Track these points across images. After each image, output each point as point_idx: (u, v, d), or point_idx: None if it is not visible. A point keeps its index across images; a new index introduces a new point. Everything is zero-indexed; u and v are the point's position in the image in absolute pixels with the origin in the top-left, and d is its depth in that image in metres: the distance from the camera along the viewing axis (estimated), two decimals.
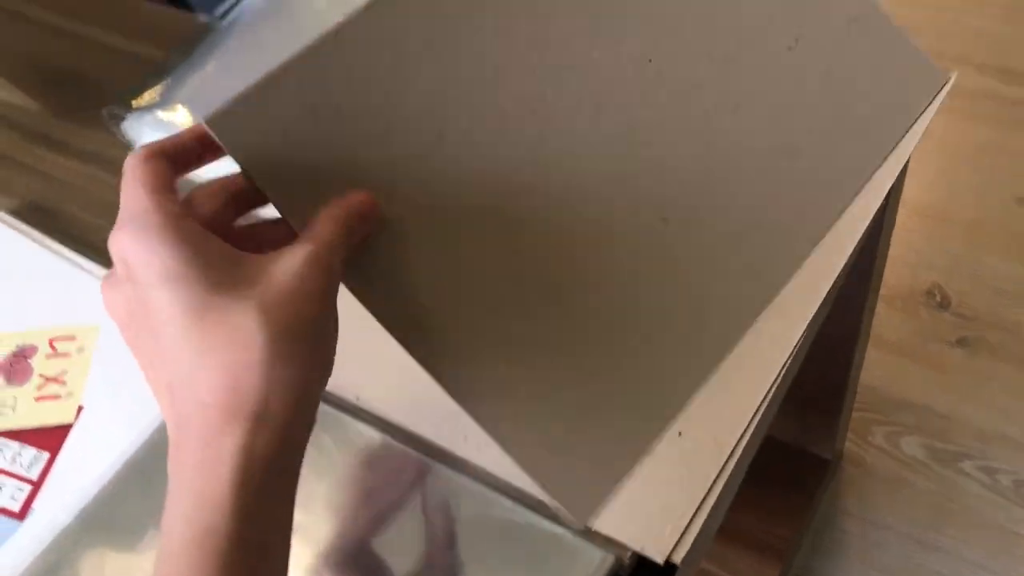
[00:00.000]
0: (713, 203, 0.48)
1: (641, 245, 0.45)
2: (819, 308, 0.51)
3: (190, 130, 0.36)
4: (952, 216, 1.25)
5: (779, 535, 0.97)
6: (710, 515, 0.45)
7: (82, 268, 0.61)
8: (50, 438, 0.53)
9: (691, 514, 0.45)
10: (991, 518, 0.99)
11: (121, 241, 0.32)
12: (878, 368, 1.11)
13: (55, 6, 0.81)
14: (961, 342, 1.12)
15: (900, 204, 1.27)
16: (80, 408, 0.54)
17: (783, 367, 0.49)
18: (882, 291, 1.18)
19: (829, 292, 0.52)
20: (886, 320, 1.15)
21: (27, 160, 0.69)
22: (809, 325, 0.50)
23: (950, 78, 0.62)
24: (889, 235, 0.75)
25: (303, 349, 0.32)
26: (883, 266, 0.78)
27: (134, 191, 0.33)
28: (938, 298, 1.17)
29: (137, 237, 0.32)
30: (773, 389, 0.48)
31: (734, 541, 0.96)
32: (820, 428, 0.95)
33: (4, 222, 0.64)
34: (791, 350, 0.49)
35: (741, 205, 0.49)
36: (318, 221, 0.35)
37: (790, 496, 0.97)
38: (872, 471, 1.04)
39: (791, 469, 0.97)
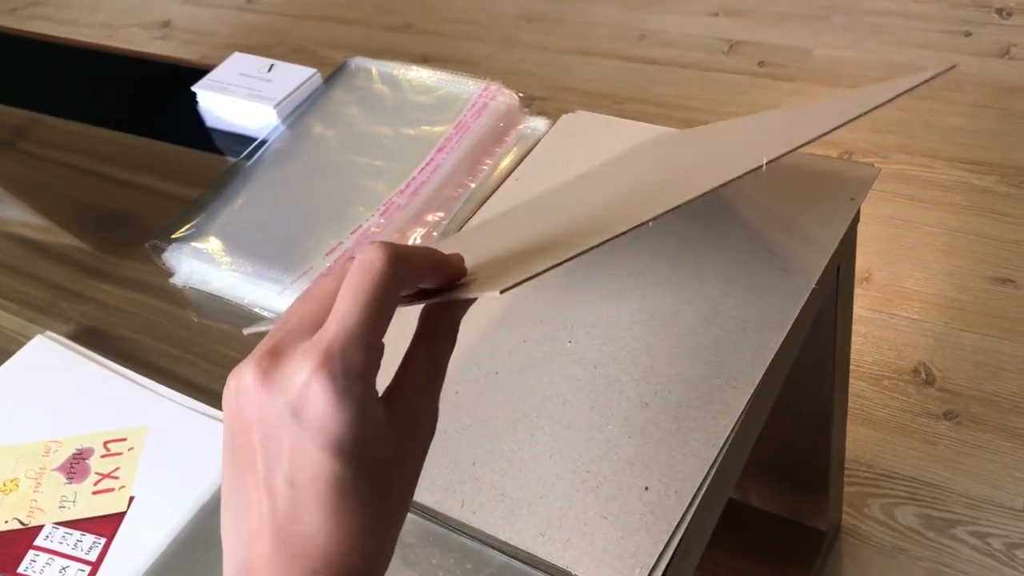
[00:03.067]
0: None
1: None
2: (765, 379, 0.59)
3: (444, 261, 0.37)
4: (932, 299, 1.33)
5: None
6: (678, 557, 0.52)
7: (130, 380, 0.70)
8: (106, 525, 0.61)
9: (657, 555, 0.52)
10: None
11: (317, 384, 0.31)
12: (871, 444, 1.17)
13: (105, 158, 0.94)
14: (947, 415, 1.19)
15: (881, 290, 1.36)
16: (131, 498, 0.63)
17: (732, 429, 0.56)
18: (870, 371, 1.26)
19: (775, 364, 0.60)
20: (876, 399, 1.22)
21: (81, 290, 0.79)
22: (755, 394, 0.58)
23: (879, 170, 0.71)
24: (848, 314, 0.83)
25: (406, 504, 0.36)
26: (847, 344, 0.85)
27: (365, 320, 0.33)
28: (923, 375, 1.23)
29: (341, 399, 0.31)
30: (725, 449, 0.56)
31: None
32: (812, 502, 1.01)
33: (63, 344, 0.74)
34: (739, 414, 0.57)
35: None
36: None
37: (790, 569, 1.02)
38: (869, 542, 1.08)
39: (789, 542, 1.03)
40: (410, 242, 0.75)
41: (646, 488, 0.55)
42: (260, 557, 0.32)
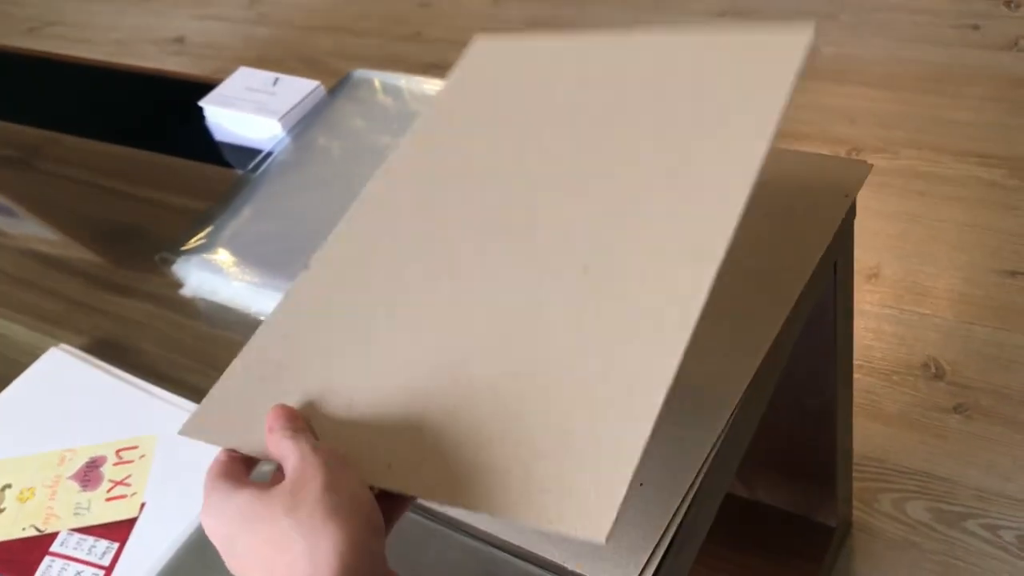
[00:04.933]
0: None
1: None
2: (759, 374, 0.60)
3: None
4: (941, 293, 1.33)
5: None
6: (673, 551, 0.53)
7: (141, 388, 0.72)
8: (118, 531, 0.63)
9: (651, 549, 0.53)
10: (997, 573, 1.04)
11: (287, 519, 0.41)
12: (881, 439, 1.17)
13: (116, 174, 0.96)
14: (957, 408, 1.19)
15: (890, 285, 1.36)
16: (143, 504, 0.64)
17: (726, 424, 0.57)
18: (880, 367, 1.26)
19: (768, 360, 0.61)
20: (886, 394, 1.22)
21: (94, 303, 0.81)
22: (748, 388, 0.59)
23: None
24: (848, 308, 0.83)
25: (344, 514, 0.41)
26: (849, 338, 0.86)
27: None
28: (933, 369, 1.24)
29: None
30: (719, 443, 0.57)
31: None
32: (820, 498, 1.02)
33: (75, 355, 0.76)
34: (732, 408, 0.58)
35: None
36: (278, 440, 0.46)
37: (800, 564, 1.02)
38: (881, 537, 1.09)
39: (798, 538, 1.03)
40: None
41: (641, 484, 0.56)
42: None
